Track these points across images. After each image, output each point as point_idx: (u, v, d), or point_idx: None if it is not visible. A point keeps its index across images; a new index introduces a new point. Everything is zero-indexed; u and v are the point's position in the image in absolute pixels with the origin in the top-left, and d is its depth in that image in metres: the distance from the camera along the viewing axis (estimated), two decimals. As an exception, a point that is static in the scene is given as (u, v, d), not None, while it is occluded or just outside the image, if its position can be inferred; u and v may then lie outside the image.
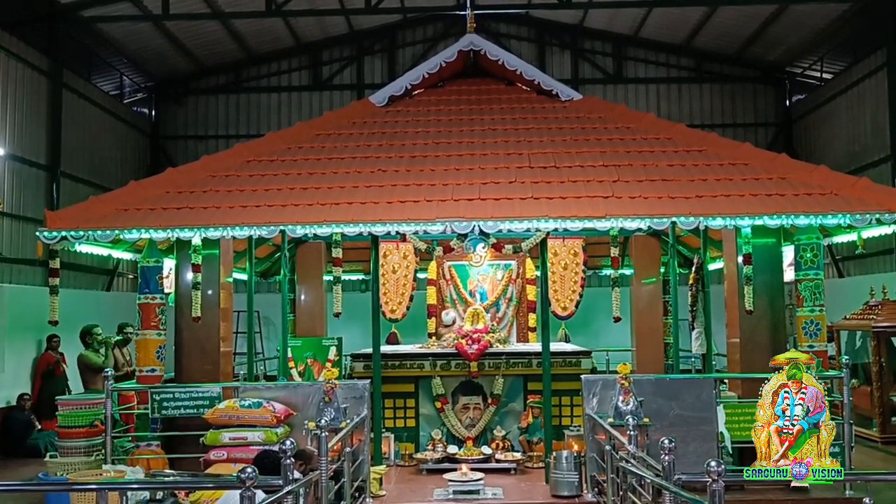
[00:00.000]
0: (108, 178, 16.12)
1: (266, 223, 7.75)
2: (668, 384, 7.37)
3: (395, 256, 11.62)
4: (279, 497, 4.06)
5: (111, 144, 17.14)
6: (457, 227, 7.63)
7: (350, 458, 6.40)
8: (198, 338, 8.54)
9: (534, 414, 8.85)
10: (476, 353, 9.08)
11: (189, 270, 8.31)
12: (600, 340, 13.61)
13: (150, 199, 8.21)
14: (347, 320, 11.83)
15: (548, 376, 8.20)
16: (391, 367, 9.13)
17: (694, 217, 7.53)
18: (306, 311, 12.18)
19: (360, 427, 7.13)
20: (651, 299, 11.56)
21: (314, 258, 12.01)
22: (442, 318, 11.10)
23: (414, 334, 11.81)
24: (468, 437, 8.96)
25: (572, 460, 7.30)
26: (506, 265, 11.41)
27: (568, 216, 7.59)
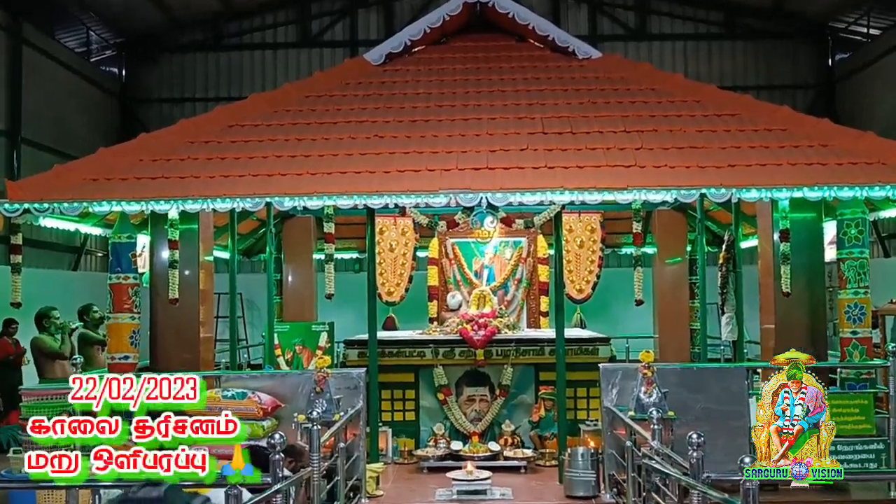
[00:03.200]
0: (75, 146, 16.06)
1: (250, 195, 7.74)
2: (695, 374, 7.38)
3: (393, 232, 11.62)
4: (267, 496, 4.09)
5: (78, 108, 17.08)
6: (462, 200, 7.61)
7: (344, 454, 6.44)
8: (175, 322, 8.56)
9: (546, 407, 8.89)
10: (482, 340, 9.11)
11: (165, 247, 8.32)
12: (620, 326, 13.63)
13: (122, 169, 8.18)
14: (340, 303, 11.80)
15: (562, 365, 8.22)
16: (388, 354, 9.17)
17: (725, 189, 7.50)
18: (294, 294, 12.21)
19: (354, 420, 7.16)
20: (676, 281, 11.56)
21: (303, 234, 12.00)
22: (446, 301, 11.12)
23: (413, 319, 11.84)
24: (473, 432, 9.01)
25: (589, 458, 7.33)
26: (516, 242, 11.41)
27: (585, 187, 7.56)
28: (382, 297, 11.55)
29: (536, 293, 11.44)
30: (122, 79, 19.27)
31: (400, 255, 11.68)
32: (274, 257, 10.86)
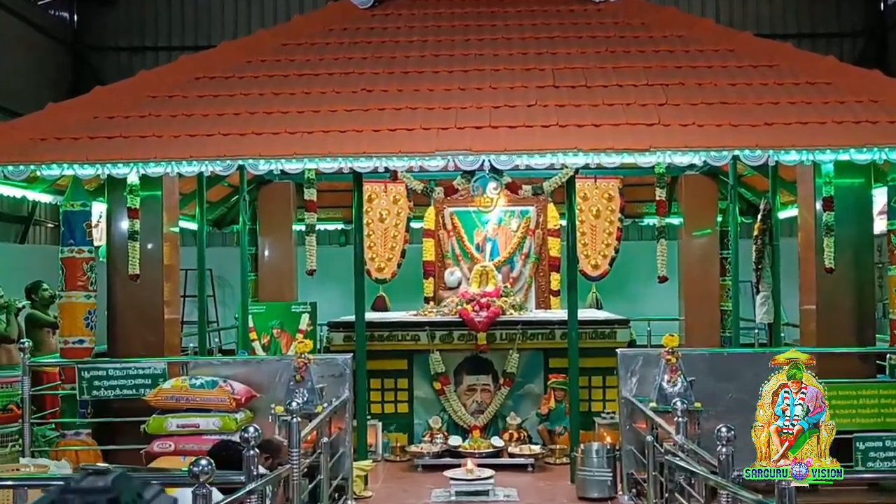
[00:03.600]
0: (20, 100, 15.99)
1: (220, 157, 7.71)
2: (726, 361, 7.43)
3: (384, 200, 11.64)
4: (240, 496, 4.12)
5: (22, 57, 16.99)
6: (461, 163, 7.60)
7: (328, 450, 6.49)
8: (136, 301, 8.58)
9: (556, 398, 8.97)
10: (484, 322, 9.15)
11: (124, 217, 8.31)
12: (640, 307, 13.70)
13: (74, 127, 8.16)
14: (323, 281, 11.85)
15: (574, 351, 8.26)
16: (378, 338, 9.24)
17: (761, 150, 7.49)
18: (272, 270, 12.27)
19: (339, 412, 7.22)
20: (705, 255, 11.60)
21: (281, 202, 12.03)
22: (444, 278, 11.17)
23: (407, 299, 11.86)
24: (474, 425, 9.09)
25: (604, 455, 7.39)
26: (522, 212, 11.44)
27: (602, 148, 7.54)
28: (371, 273, 11.58)
29: (546, 269, 11.49)
30: (73, 24, 19.13)
31: (391, 227, 11.71)
32: (248, 228, 10.96)
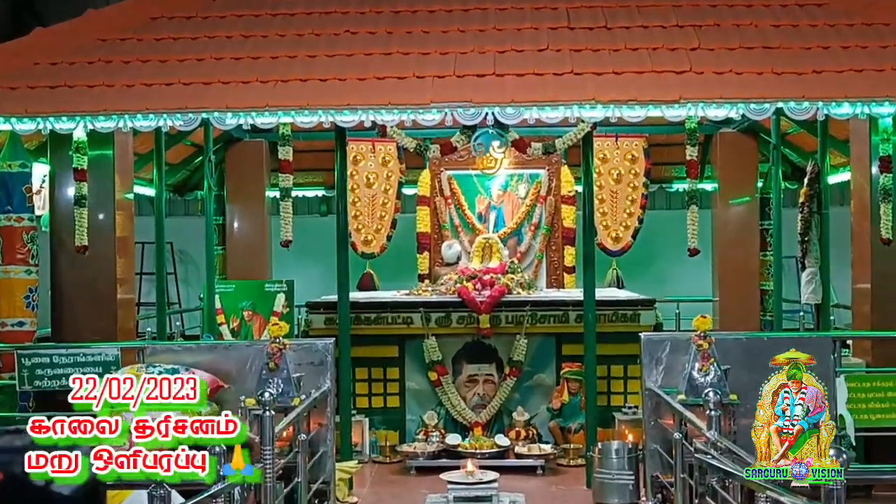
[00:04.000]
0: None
1: (181, 109, 7.62)
2: (766, 346, 7.30)
3: (371, 162, 11.57)
4: (203, 499, 4.06)
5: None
6: (461, 116, 7.50)
7: (306, 449, 6.44)
8: (85, 278, 8.54)
9: (570, 390, 8.94)
10: (488, 303, 9.10)
11: (70, 180, 8.23)
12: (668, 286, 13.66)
13: (11, 74, 8.06)
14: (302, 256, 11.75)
15: (591, 336, 8.22)
16: (365, 321, 9.20)
17: (809, 101, 7.38)
18: (242, 243, 12.22)
19: (320, 406, 7.18)
20: (743, 226, 11.58)
21: (252, 165, 11.99)
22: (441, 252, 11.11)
23: (397, 276, 11.83)
24: (476, 422, 9.06)
25: (625, 455, 7.34)
26: (532, 175, 11.37)
27: (624, 100, 7.44)
28: (357, 247, 11.52)
29: (559, 242, 11.43)
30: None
31: (380, 193, 11.64)
32: (214, 195, 10.88)
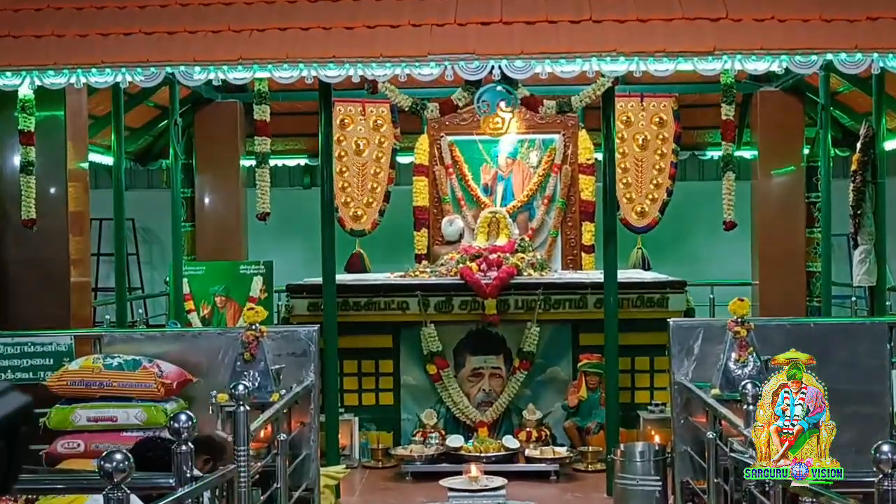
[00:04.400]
0: None
1: (142, 63, 7.56)
2: (812, 334, 7.30)
3: (361, 125, 11.55)
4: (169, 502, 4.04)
5: None
6: (463, 70, 7.44)
7: (286, 451, 6.41)
8: (33, 258, 8.56)
9: (589, 385, 8.94)
10: (494, 286, 9.08)
11: (15, 144, 8.23)
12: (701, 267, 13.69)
13: (-55, 25, 8.01)
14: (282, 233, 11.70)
15: (613, 323, 8.22)
16: (354, 307, 9.21)
17: (862, 53, 7.32)
18: (213, 219, 12.24)
19: (302, 403, 7.15)
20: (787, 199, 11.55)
21: (225, 129, 11.97)
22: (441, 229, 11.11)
23: (391, 256, 11.86)
24: (481, 421, 9.07)
25: (651, 458, 7.33)
26: (545, 141, 11.36)
27: (650, 52, 7.39)
28: (345, 223, 11.51)
29: (576, 217, 11.43)
30: None
31: (371, 161, 11.64)
32: (181, 164, 10.85)
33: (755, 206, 11.66)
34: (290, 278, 10.38)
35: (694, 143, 12.60)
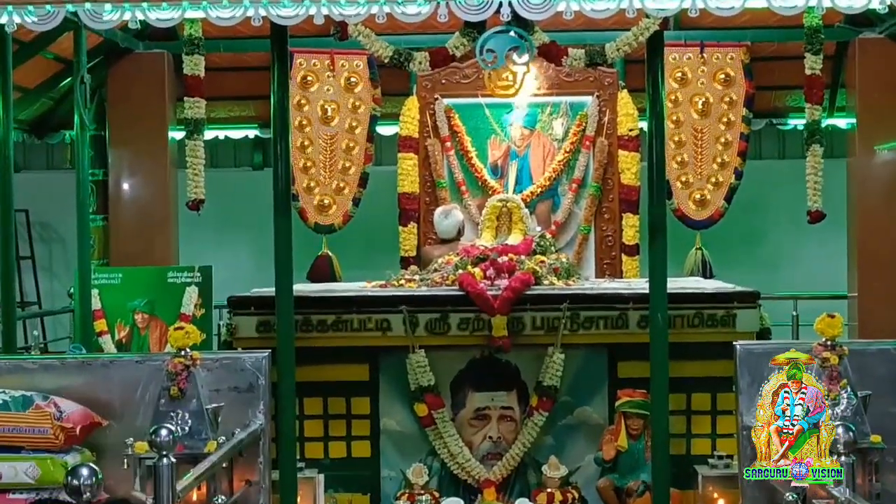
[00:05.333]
0: None
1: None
2: (927, 363, 7.38)
3: (329, 85, 11.58)
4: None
5: None
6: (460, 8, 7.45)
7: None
8: None
9: (631, 430, 8.95)
10: (504, 300, 9.09)
11: None
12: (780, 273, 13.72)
13: None
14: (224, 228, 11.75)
15: (662, 348, 8.22)
16: (319, 327, 9.23)
17: None
18: (133, 210, 12.32)
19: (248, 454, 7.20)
20: (895, 183, 11.54)
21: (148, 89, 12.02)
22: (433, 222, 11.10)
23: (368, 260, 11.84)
24: (487, 480, 9.08)
25: (713, 528, 7.38)
26: (574, 105, 11.41)
27: (710, -17, 7.42)
28: (308, 215, 11.55)
29: (615, 208, 11.49)
30: None
31: (343, 132, 11.72)
32: (90, 136, 10.82)
33: (853, 193, 11.65)
34: (233, 289, 10.38)
35: (772, 109, 12.66)
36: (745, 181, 11.65)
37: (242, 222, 12.61)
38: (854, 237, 11.67)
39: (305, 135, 11.48)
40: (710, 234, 11.97)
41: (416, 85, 11.17)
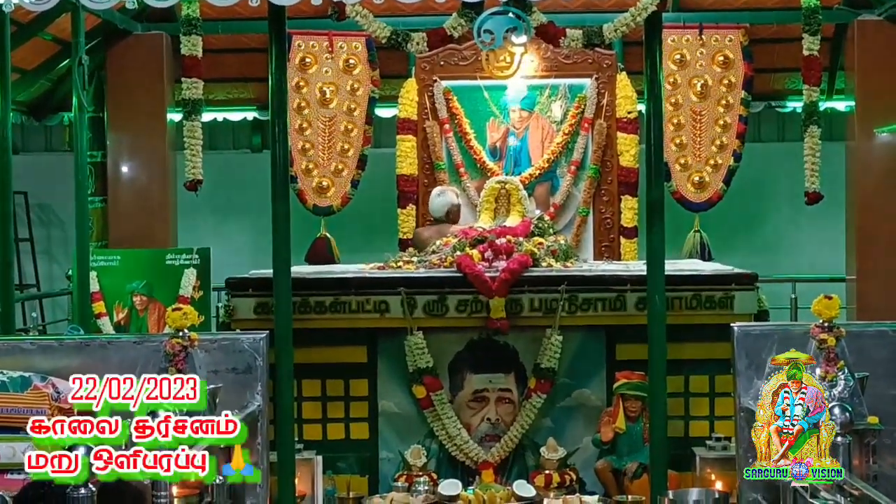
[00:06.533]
0: None
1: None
2: (924, 345, 7.37)
3: (328, 67, 11.58)
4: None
5: None
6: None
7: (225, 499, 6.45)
8: None
9: (629, 412, 8.96)
10: (503, 282, 9.09)
11: None
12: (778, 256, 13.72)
13: None
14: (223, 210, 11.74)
15: (660, 330, 8.22)
16: (317, 309, 9.23)
17: None
18: (131, 193, 12.32)
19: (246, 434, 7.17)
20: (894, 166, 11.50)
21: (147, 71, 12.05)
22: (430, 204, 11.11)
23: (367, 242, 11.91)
24: (485, 461, 9.10)
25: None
26: (573, 87, 11.36)
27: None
28: (307, 197, 11.53)
29: (614, 190, 11.46)
30: None
31: (341, 114, 11.68)
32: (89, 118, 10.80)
33: (851, 175, 11.63)
34: (232, 271, 10.37)
35: (771, 91, 12.62)
36: (743, 164, 11.63)
37: (241, 204, 12.58)
38: (853, 220, 11.66)
39: (304, 117, 11.45)
40: (709, 216, 11.96)
41: (414, 67, 11.15)
